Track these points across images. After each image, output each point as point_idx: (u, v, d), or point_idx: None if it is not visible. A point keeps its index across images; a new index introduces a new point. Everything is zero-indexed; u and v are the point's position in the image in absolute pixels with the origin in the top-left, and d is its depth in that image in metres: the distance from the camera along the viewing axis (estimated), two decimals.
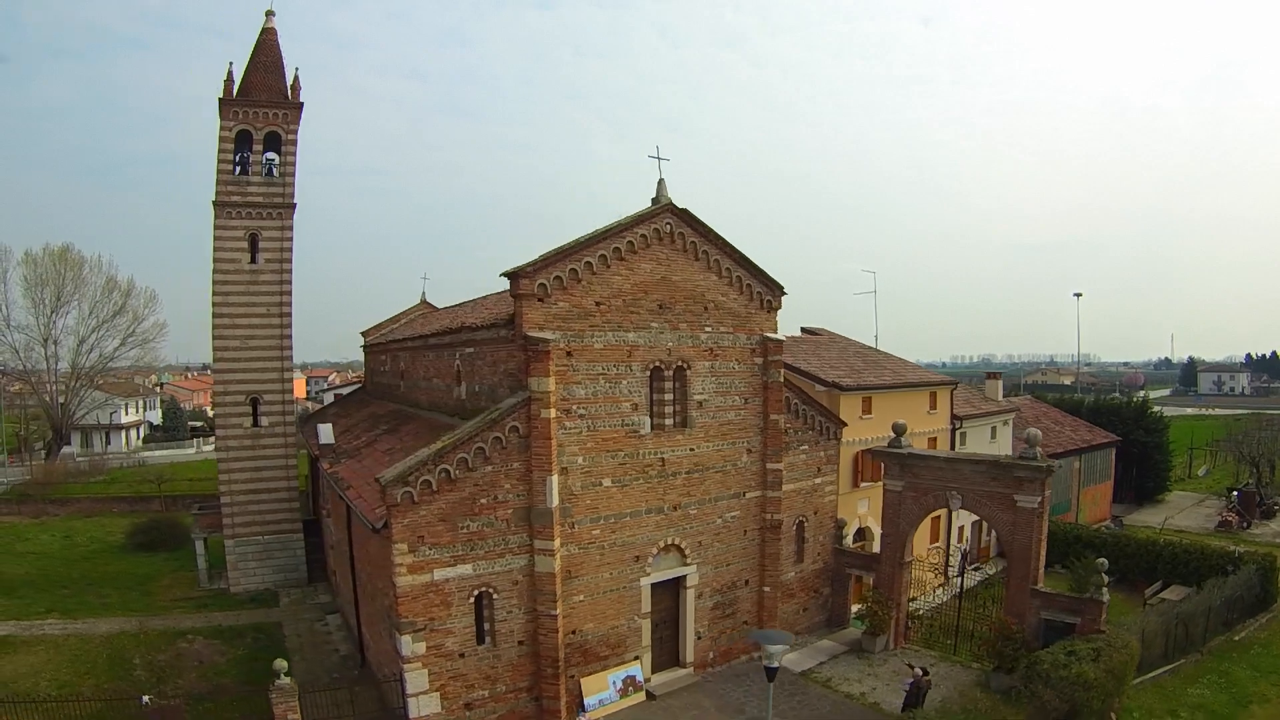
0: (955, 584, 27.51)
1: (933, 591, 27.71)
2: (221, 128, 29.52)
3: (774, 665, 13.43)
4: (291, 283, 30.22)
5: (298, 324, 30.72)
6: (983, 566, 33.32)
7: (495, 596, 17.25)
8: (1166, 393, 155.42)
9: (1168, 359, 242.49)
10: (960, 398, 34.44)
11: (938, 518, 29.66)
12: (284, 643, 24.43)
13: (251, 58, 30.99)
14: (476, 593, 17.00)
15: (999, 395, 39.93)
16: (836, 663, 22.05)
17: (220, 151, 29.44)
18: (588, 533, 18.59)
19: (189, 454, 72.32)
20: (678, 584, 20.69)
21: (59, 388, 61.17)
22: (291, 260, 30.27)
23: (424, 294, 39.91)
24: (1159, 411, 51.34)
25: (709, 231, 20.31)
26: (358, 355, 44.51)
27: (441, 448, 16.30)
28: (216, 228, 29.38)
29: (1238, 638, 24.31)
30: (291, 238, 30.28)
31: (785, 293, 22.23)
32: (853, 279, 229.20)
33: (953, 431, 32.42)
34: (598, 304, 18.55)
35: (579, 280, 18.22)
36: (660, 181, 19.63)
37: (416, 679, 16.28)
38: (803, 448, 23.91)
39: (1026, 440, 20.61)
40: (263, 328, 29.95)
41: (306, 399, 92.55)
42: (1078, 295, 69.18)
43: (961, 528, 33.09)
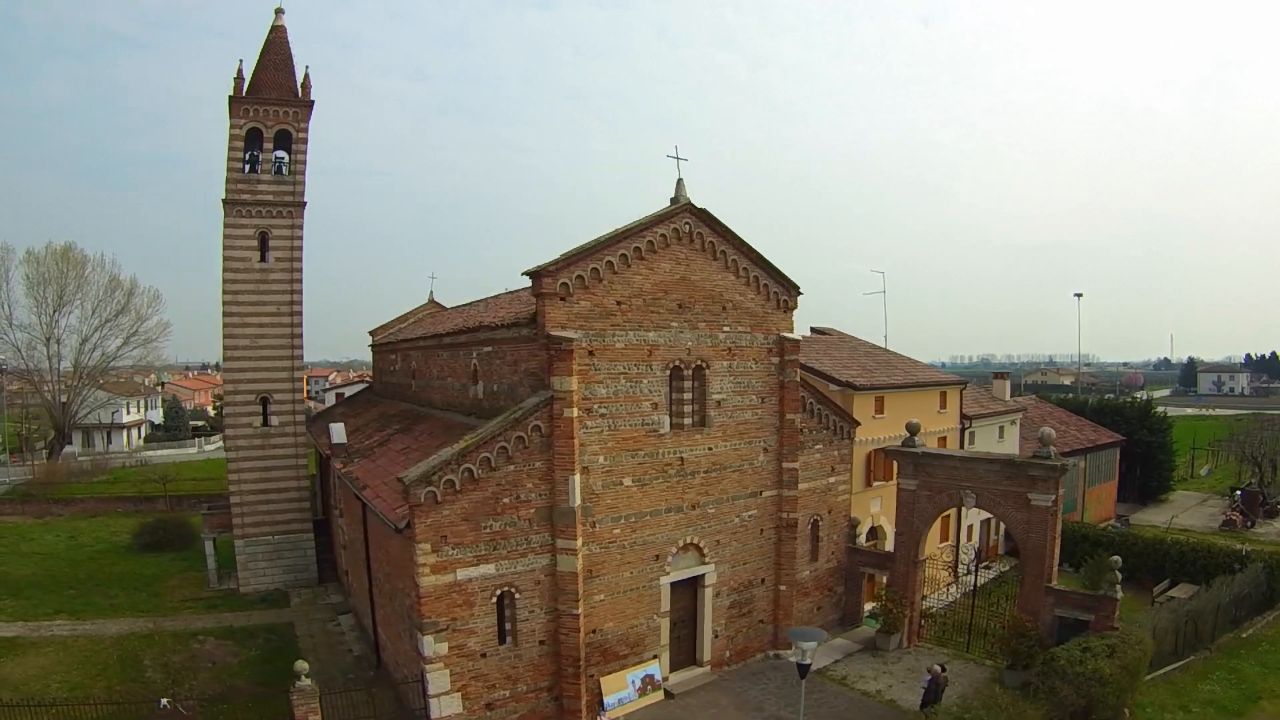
0: (965, 582, 27.60)
1: (944, 589, 27.80)
2: (232, 125, 29.43)
3: (807, 663, 13.44)
4: (302, 281, 30.15)
5: None
6: (992, 565, 33.43)
7: (517, 596, 17.23)
8: (1166, 393, 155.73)
9: (1167, 359, 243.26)
10: (968, 397, 34.56)
11: (948, 517, 29.78)
12: (296, 644, 24.32)
13: (261, 56, 30.94)
14: (499, 592, 16.98)
15: (1006, 395, 40.05)
16: (851, 660, 22.12)
17: (230, 149, 29.36)
18: (609, 532, 18.60)
19: (190, 453, 72.27)
20: (696, 583, 20.70)
21: (61, 387, 60.93)
22: (302, 259, 30.19)
23: (432, 293, 40.02)
24: (1163, 412, 51.60)
25: (727, 231, 20.33)
26: (358, 354, 44.54)
27: (465, 447, 16.24)
28: (226, 226, 29.30)
29: (1246, 635, 24.51)
30: (302, 236, 30.22)
31: (801, 293, 22.27)
32: (855, 279, 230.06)
33: (962, 431, 32.53)
34: (619, 303, 18.55)
35: (600, 279, 18.20)
36: (679, 181, 19.61)
37: (438, 679, 16.23)
38: (817, 447, 23.96)
39: (1041, 439, 20.71)
40: (273, 326, 29.88)
41: (308, 399, 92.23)
42: (1078, 295, 70.02)
43: (970, 526, 33.23)
